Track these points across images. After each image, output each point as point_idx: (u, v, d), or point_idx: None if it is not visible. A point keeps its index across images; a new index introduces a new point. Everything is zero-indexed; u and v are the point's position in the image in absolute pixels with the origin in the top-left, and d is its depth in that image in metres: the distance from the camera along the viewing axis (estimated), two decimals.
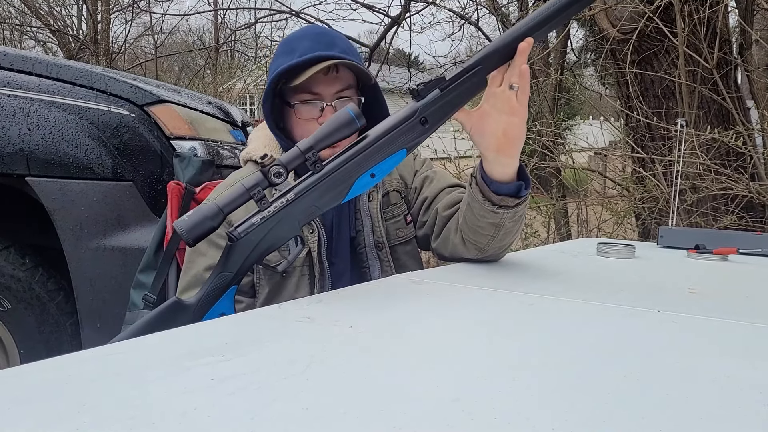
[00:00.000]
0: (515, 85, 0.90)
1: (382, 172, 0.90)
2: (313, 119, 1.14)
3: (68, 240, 1.75)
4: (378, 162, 0.89)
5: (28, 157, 1.75)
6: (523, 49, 0.89)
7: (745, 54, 3.36)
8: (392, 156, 0.89)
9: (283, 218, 0.88)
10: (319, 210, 0.89)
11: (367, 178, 0.89)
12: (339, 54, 1.11)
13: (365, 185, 0.90)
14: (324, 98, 1.14)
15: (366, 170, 0.89)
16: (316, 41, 1.13)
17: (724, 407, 0.49)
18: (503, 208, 0.99)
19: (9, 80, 1.80)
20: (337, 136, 0.88)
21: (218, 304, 0.88)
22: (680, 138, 1.60)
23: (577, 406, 0.49)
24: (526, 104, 0.93)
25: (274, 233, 0.88)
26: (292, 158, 0.86)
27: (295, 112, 1.15)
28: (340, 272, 1.15)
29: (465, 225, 1.06)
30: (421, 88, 0.90)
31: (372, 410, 0.48)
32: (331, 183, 0.88)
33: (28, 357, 1.81)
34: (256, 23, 7.03)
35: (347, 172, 0.88)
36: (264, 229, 0.88)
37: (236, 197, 0.87)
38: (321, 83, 1.13)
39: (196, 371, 0.56)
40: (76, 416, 0.46)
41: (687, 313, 0.79)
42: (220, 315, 0.87)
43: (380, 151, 0.89)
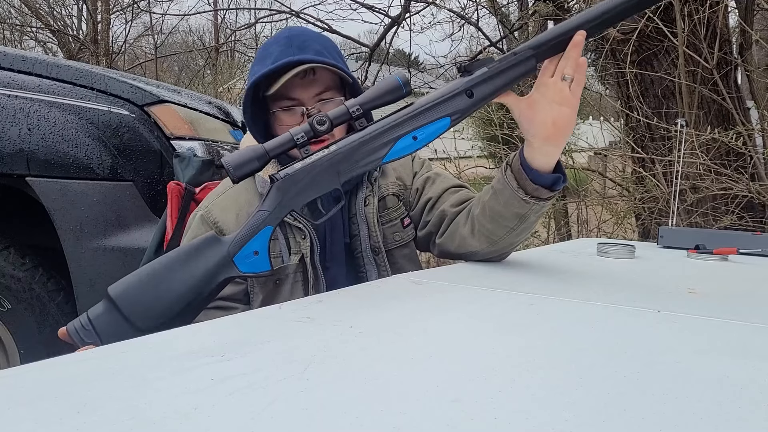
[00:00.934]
0: (568, 76, 0.92)
1: (425, 137, 0.92)
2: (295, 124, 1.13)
3: (68, 240, 1.75)
4: (421, 126, 0.92)
5: (28, 158, 1.75)
6: (577, 42, 0.91)
7: (745, 54, 3.36)
8: (436, 122, 0.92)
9: (323, 167, 0.91)
10: (359, 166, 0.92)
11: (409, 140, 0.92)
12: (311, 57, 1.09)
13: (407, 147, 0.92)
14: (304, 103, 1.13)
15: (409, 131, 0.92)
16: (287, 45, 1.11)
17: (724, 407, 0.49)
18: (534, 198, 0.99)
19: (9, 80, 1.80)
20: (382, 100, 0.92)
21: (252, 242, 0.90)
22: (680, 138, 1.60)
23: (577, 406, 0.49)
24: (579, 95, 0.94)
25: (313, 180, 0.91)
26: (339, 113, 0.91)
27: (276, 119, 1.15)
28: (335, 277, 1.14)
29: (483, 215, 1.06)
30: (468, 64, 0.93)
31: (372, 410, 0.48)
32: (371, 139, 0.91)
33: (28, 357, 1.81)
34: (256, 23, 7.03)
35: (390, 130, 0.91)
36: (303, 174, 0.91)
37: (283, 142, 0.90)
38: (298, 88, 1.12)
39: (196, 371, 0.56)
40: (76, 416, 0.46)
41: (687, 314, 0.79)
42: (254, 253, 0.89)
43: (424, 116, 0.92)
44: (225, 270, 0.89)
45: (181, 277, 0.87)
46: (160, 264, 0.90)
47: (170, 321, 0.84)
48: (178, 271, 0.88)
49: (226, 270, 0.89)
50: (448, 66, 5.44)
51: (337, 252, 1.17)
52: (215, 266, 0.89)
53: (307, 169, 0.91)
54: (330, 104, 1.14)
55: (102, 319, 0.86)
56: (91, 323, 0.86)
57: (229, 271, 0.89)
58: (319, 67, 1.11)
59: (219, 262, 0.89)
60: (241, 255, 0.89)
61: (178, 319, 0.85)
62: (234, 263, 0.89)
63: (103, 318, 0.86)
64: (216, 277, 0.89)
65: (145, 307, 0.85)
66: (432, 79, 5.71)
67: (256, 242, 0.90)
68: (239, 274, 0.90)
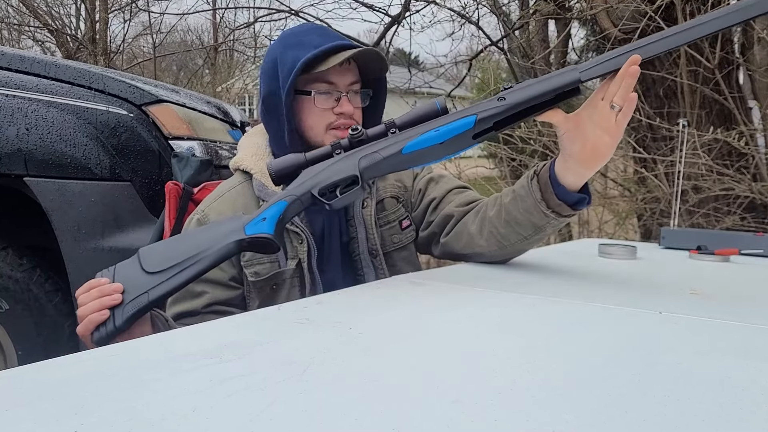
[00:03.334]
0: (616, 105, 0.90)
1: (448, 132, 0.93)
2: (329, 108, 1.14)
3: (66, 240, 1.75)
4: (445, 123, 0.93)
5: (26, 158, 1.74)
6: (632, 72, 0.88)
7: (747, 54, 3.36)
8: (461, 119, 0.93)
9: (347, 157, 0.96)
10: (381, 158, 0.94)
11: (431, 133, 0.94)
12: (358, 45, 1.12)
13: (428, 139, 0.93)
14: (339, 88, 1.14)
15: (432, 128, 0.94)
16: (324, 35, 1.14)
17: (725, 408, 0.49)
18: (555, 213, 0.98)
19: (7, 80, 1.79)
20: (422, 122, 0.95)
21: (265, 212, 0.93)
22: (682, 138, 1.60)
23: (577, 407, 0.48)
24: (624, 127, 0.92)
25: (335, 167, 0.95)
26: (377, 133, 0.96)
27: (315, 100, 1.14)
28: (332, 280, 1.14)
29: (498, 218, 1.06)
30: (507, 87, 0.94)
31: (372, 411, 0.47)
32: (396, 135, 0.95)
33: (26, 358, 1.80)
34: (255, 23, 7.02)
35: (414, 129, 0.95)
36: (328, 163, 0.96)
37: (324, 153, 0.97)
38: (337, 74, 1.13)
39: (194, 373, 0.56)
40: (75, 417, 0.46)
41: (689, 315, 0.78)
42: (262, 219, 0.93)
43: (450, 117, 0.94)
44: (234, 234, 0.92)
45: (196, 238, 0.93)
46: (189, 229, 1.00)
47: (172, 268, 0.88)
48: (198, 234, 0.96)
49: (235, 234, 0.92)
50: (448, 65, 5.44)
51: (334, 255, 1.16)
52: (228, 231, 0.92)
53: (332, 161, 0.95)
54: (359, 95, 1.17)
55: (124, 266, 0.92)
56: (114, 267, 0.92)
57: (237, 235, 0.92)
58: (353, 59, 1.13)
59: (232, 229, 0.93)
60: (251, 223, 0.92)
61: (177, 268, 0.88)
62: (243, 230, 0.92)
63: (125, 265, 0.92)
64: (225, 238, 0.91)
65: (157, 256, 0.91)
66: (432, 78, 5.70)
67: (267, 212, 0.93)
68: (243, 236, 0.91)
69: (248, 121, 2.67)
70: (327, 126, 1.14)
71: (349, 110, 1.13)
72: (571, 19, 4.13)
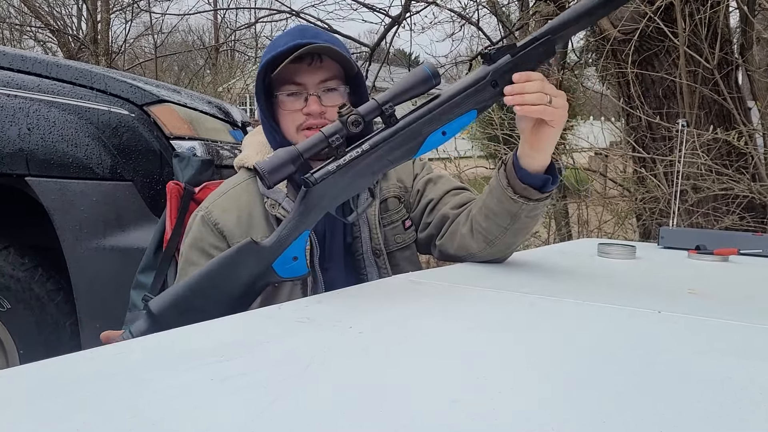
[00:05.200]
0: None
1: (453, 131, 0.93)
2: (298, 110, 1.14)
3: (68, 240, 1.75)
4: (449, 121, 0.92)
5: (28, 157, 1.74)
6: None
7: (746, 54, 3.36)
8: (463, 116, 0.93)
9: (357, 167, 0.91)
10: (392, 164, 0.93)
11: (438, 136, 0.93)
12: (318, 41, 1.11)
13: (437, 142, 0.93)
14: (308, 88, 1.14)
15: (438, 127, 0.92)
16: (298, 35, 1.13)
17: (724, 407, 0.49)
18: (524, 198, 1.00)
19: (9, 80, 1.79)
20: (412, 92, 0.91)
21: (291, 248, 0.90)
22: (681, 138, 1.60)
23: (577, 407, 0.48)
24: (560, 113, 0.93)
25: (348, 181, 0.91)
26: (370, 110, 0.90)
27: (280, 103, 1.15)
28: (334, 278, 1.14)
29: (479, 213, 1.07)
30: (492, 52, 0.93)
31: (372, 410, 0.48)
32: (404, 137, 0.92)
33: (27, 357, 1.81)
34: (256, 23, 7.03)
35: (419, 127, 0.92)
36: (339, 176, 0.91)
37: (316, 143, 0.89)
38: (304, 73, 1.13)
39: (196, 371, 0.56)
40: (76, 416, 0.46)
41: (688, 314, 0.78)
42: (293, 258, 0.90)
43: (452, 111, 0.92)
44: (265, 276, 0.90)
45: (222, 288, 0.88)
46: (201, 276, 0.90)
47: None
48: (219, 283, 0.89)
49: (266, 276, 0.90)
50: (449, 66, 5.43)
51: (337, 254, 1.16)
52: (255, 274, 0.89)
53: (343, 172, 0.91)
54: (335, 93, 1.15)
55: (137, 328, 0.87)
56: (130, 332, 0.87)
57: (270, 278, 0.90)
58: (326, 56, 1.13)
59: (259, 271, 0.89)
60: (280, 261, 0.89)
61: None
62: (273, 269, 0.89)
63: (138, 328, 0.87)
64: (256, 283, 0.90)
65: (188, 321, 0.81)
66: None
67: (295, 248, 0.90)
68: (280, 279, 0.91)
69: (249, 121, 2.67)
70: (297, 127, 1.15)
71: (316, 110, 1.13)
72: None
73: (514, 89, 0.91)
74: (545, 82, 0.92)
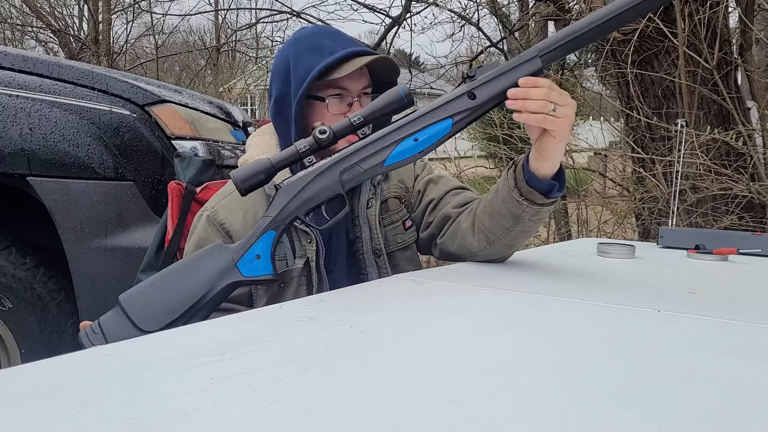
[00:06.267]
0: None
1: (426, 139, 0.93)
2: (342, 114, 1.14)
3: (69, 240, 1.75)
4: (423, 128, 0.93)
5: (30, 157, 1.75)
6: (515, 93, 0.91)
7: (746, 54, 3.35)
8: (437, 123, 0.93)
9: (326, 173, 0.93)
10: (362, 171, 0.93)
11: (410, 142, 0.93)
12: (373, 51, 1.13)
13: (408, 150, 0.93)
14: (351, 94, 1.15)
15: (410, 134, 0.93)
16: (338, 39, 1.14)
17: (724, 407, 0.49)
18: (528, 201, 1.00)
19: (10, 80, 1.80)
20: (385, 110, 0.93)
21: (255, 246, 0.92)
22: (680, 138, 1.60)
23: (577, 406, 0.49)
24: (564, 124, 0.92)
25: (317, 186, 0.93)
26: (342, 126, 0.93)
27: (328, 106, 1.15)
28: (338, 279, 1.15)
29: (484, 211, 1.07)
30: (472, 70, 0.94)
31: (372, 410, 0.48)
32: (374, 143, 0.93)
33: (29, 356, 1.81)
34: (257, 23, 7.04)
35: (391, 134, 0.93)
36: (307, 179, 0.93)
37: (288, 155, 0.93)
38: (351, 79, 1.13)
39: (196, 371, 0.56)
40: (77, 416, 0.46)
41: (687, 314, 0.79)
42: (256, 257, 0.91)
43: (425, 119, 0.93)
44: (228, 275, 0.90)
45: (185, 282, 0.90)
46: (168, 271, 0.93)
47: (173, 323, 0.86)
48: (184, 276, 0.91)
49: (229, 275, 0.91)
50: (449, 66, 5.43)
51: (340, 254, 1.17)
52: (219, 271, 0.91)
53: (311, 176, 0.93)
54: (370, 99, 1.16)
55: (110, 323, 0.88)
56: (100, 327, 0.88)
57: (232, 276, 0.91)
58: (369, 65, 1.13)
59: (223, 267, 0.91)
60: (244, 260, 0.91)
61: (180, 322, 0.87)
62: (237, 268, 0.91)
63: (111, 321, 0.89)
64: (219, 281, 0.90)
65: (150, 309, 0.87)
66: (433, 79, 5.70)
67: (259, 246, 0.92)
68: (241, 278, 0.91)
69: (250, 121, 2.68)
70: None
71: None
72: (571, 20, 4.12)
73: (517, 93, 0.91)
74: (552, 90, 0.91)
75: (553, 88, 0.91)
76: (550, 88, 0.91)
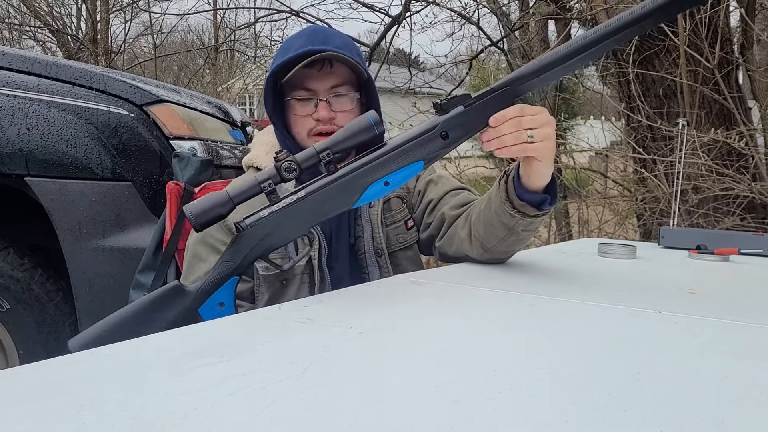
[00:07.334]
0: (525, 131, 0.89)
1: (397, 182, 0.90)
2: (308, 115, 1.14)
3: (67, 240, 1.75)
4: (393, 170, 0.89)
5: (27, 158, 1.74)
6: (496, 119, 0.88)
7: (747, 54, 3.36)
8: (408, 166, 0.89)
9: (291, 215, 0.88)
10: (328, 213, 0.89)
11: (380, 186, 0.89)
12: (329, 48, 1.10)
13: (378, 193, 0.90)
14: (318, 94, 1.14)
15: (380, 177, 0.89)
16: (310, 39, 1.13)
17: (724, 407, 0.49)
18: (520, 214, 0.99)
19: (8, 80, 1.79)
20: (354, 140, 0.88)
21: (218, 293, 0.88)
22: (681, 138, 1.60)
23: (577, 407, 0.48)
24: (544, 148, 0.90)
25: (281, 229, 0.89)
26: (307, 157, 0.87)
27: (290, 108, 1.16)
28: (339, 277, 1.15)
29: (478, 221, 1.06)
30: (444, 102, 0.90)
31: (372, 411, 0.48)
32: (343, 186, 0.88)
33: (27, 357, 1.81)
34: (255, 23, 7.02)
35: (361, 176, 0.88)
36: (271, 223, 0.88)
37: (247, 188, 0.87)
38: (314, 79, 1.13)
39: (195, 372, 0.56)
40: (76, 416, 0.46)
41: (688, 314, 0.78)
42: (219, 305, 0.88)
43: (397, 160, 0.89)
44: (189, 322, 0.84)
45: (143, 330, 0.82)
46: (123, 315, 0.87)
47: None
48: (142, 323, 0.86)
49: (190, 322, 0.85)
50: (449, 65, 5.44)
51: (342, 252, 1.17)
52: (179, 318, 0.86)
53: (273, 218, 0.88)
54: (344, 98, 1.15)
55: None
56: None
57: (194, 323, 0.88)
58: (337, 62, 1.12)
59: (182, 314, 0.87)
60: (206, 307, 0.87)
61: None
62: (199, 314, 0.88)
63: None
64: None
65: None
66: (433, 78, 5.70)
67: (221, 294, 0.88)
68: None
69: (249, 121, 2.67)
70: (308, 132, 1.16)
71: (325, 116, 1.13)
72: (571, 19, 4.13)
73: (491, 134, 0.89)
74: (523, 117, 0.89)
75: (524, 113, 0.89)
76: (521, 116, 0.89)
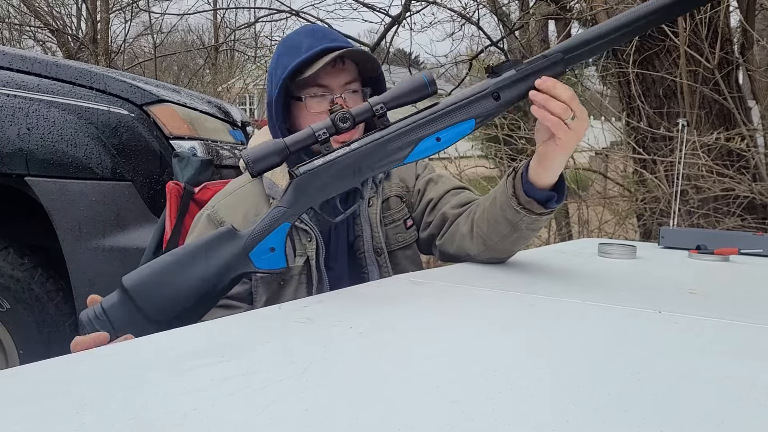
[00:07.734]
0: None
1: (449, 139, 0.90)
2: (324, 112, 1.13)
3: (67, 240, 1.75)
4: (446, 127, 0.90)
5: (27, 157, 1.74)
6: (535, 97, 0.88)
7: (747, 54, 3.36)
8: (460, 123, 0.90)
9: (344, 165, 0.89)
10: (379, 165, 0.90)
11: (432, 141, 0.90)
12: (345, 44, 1.11)
13: (429, 148, 0.90)
14: (332, 90, 1.13)
15: (432, 132, 0.89)
16: (317, 37, 1.13)
17: (724, 407, 0.49)
18: (526, 210, 0.98)
19: (8, 80, 1.79)
20: (408, 98, 0.89)
21: (269, 238, 0.88)
22: (681, 138, 1.60)
23: (577, 407, 0.48)
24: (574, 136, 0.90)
25: (333, 177, 0.89)
26: (362, 110, 0.88)
27: (306, 105, 1.14)
28: (338, 277, 1.15)
29: (482, 217, 1.06)
30: (496, 66, 0.91)
31: (371, 411, 0.48)
32: (396, 139, 0.89)
33: (27, 357, 1.81)
34: (255, 23, 7.03)
35: (413, 130, 0.89)
36: (324, 172, 0.89)
37: (303, 137, 0.88)
38: (329, 76, 1.13)
39: (195, 372, 0.56)
40: (76, 416, 0.46)
41: (688, 314, 0.78)
42: (270, 249, 0.88)
43: (449, 117, 0.90)
44: (240, 265, 0.87)
45: (196, 270, 0.86)
46: (176, 255, 0.88)
47: (183, 313, 0.84)
48: (194, 264, 0.87)
49: (242, 265, 0.87)
50: (449, 65, 5.43)
51: (341, 252, 1.17)
52: (230, 261, 0.87)
53: (328, 167, 0.89)
54: (357, 95, 1.15)
55: (116, 309, 0.85)
56: (105, 313, 0.84)
57: (245, 267, 0.88)
58: (347, 59, 1.12)
59: (234, 257, 0.87)
60: (257, 251, 0.88)
61: (191, 312, 0.85)
62: (250, 259, 0.88)
63: (117, 308, 0.85)
64: (230, 271, 0.87)
65: (159, 298, 0.83)
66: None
67: (273, 238, 0.88)
68: (255, 270, 0.88)
69: (249, 121, 2.67)
70: None
71: None
72: (571, 19, 4.13)
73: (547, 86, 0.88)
74: (575, 100, 0.89)
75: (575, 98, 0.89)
76: (574, 97, 0.89)
